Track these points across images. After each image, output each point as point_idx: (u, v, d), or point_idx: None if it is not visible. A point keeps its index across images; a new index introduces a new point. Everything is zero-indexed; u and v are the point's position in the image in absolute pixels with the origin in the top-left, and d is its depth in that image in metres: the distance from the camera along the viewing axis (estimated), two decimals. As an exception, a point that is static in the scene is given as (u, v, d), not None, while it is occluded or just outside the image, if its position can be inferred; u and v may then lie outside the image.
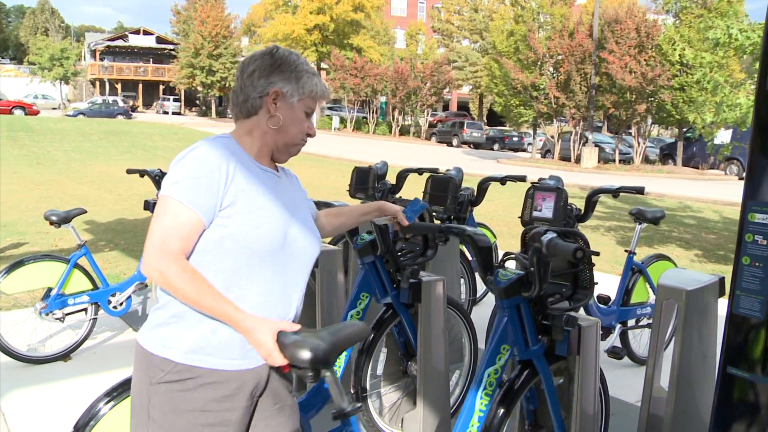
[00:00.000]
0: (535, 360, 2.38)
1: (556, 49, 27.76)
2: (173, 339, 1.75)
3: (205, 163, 1.73)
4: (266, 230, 1.77)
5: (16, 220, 10.23)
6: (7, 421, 3.75)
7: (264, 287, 1.80)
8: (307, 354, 1.61)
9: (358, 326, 1.82)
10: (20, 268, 4.52)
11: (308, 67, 1.93)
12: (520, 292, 2.31)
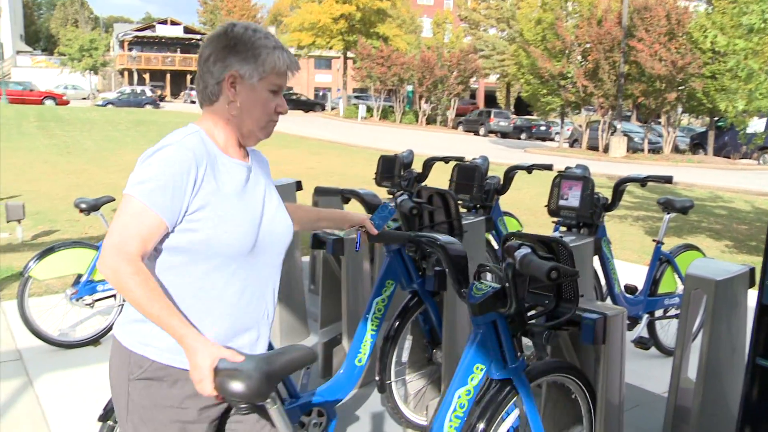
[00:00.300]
0: (514, 379, 2.25)
1: (584, 37, 27.38)
2: (151, 337, 1.73)
3: (172, 165, 1.67)
4: (237, 234, 1.73)
5: (47, 209, 10.39)
6: (41, 402, 3.84)
7: (240, 285, 1.78)
8: (238, 386, 1.53)
9: (301, 352, 1.69)
10: (51, 255, 4.61)
11: (268, 41, 1.79)
12: (495, 307, 2.14)
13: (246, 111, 1.79)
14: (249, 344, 1.83)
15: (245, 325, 1.81)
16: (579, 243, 3.55)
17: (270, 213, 1.86)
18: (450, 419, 2.20)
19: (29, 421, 3.62)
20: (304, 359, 1.68)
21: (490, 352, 2.20)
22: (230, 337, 1.78)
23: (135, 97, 46.18)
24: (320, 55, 53.70)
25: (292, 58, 1.82)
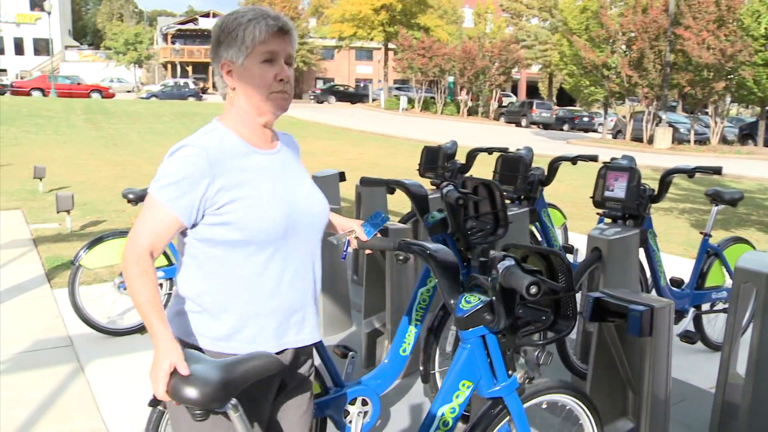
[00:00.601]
0: (505, 398, 2.14)
1: (628, 26, 26.91)
2: (202, 327, 1.79)
3: (186, 164, 1.71)
4: (267, 220, 1.76)
5: (95, 199, 10.61)
6: (92, 387, 3.94)
7: (279, 268, 1.81)
8: (192, 392, 1.53)
9: (264, 360, 1.67)
10: (100, 244, 4.72)
11: (243, 18, 1.78)
12: (484, 321, 2.02)
13: (244, 92, 1.80)
14: (296, 325, 1.87)
15: (291, 307, 1.85)
16: (624, 235, 3.52)
17: (303, 195, 1.88)
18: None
19: (81, 406, 3.73)
20: (266, 368, 1.67)
21: (479, 368, 2.11)
22: (277, 320, 1.82)
23: (178, 89, 46.78)
24: (361, 46, 53.74)
25: (270, 21, 1.78)
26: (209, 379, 1.54)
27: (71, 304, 4.66)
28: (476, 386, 2.12)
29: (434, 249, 2.09)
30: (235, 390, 1.59)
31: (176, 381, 1.55)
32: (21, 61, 59.76)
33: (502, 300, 1.98)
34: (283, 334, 1.84)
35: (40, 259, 6.84)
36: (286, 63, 1.81)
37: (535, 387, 2.24)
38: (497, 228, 3.11)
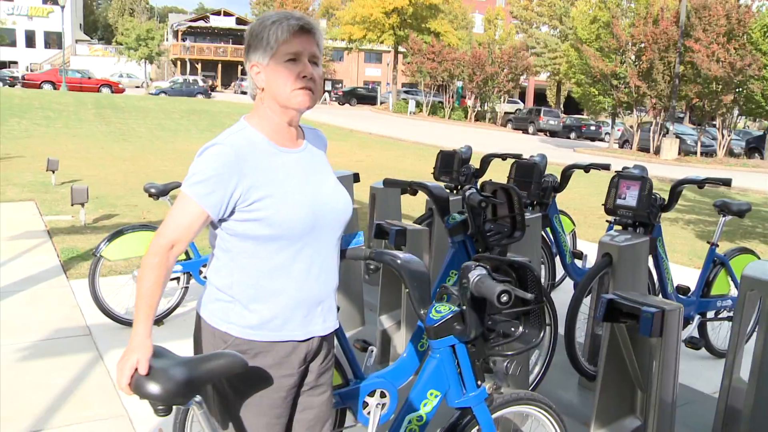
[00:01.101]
0: (474, 408, 2.16)
1: (639, 37, 26.98)
2: (233, 315, 1.88)
3: (215, 161, 1.80)
4: (295, 216, 1.84)
5: (107, 193, 10.73)
6: (111, 375, 4.06)
7: (307, 262, 1.90)
8: (154, 388, 1.57)
9: (228, 359, 1.73)
10: (120, 237, 4.84)
11: (267, 21, 1.88)
12: (454, 331, 2.04)
13: (271, 90, 1.88)
14: (322, 314, 1.97)
15: (317, 297, 1.95)
16: (635, 242, 3.62)
17: (328, 192, 1.97)
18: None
19: (102, 393, 3.84)
20: (232, 366, 1.71)
21: (448, 377, 2.12)
22: (305, 309, 1.92)
23: (187, 86, 46.92)
24: (371, 48, 53.90)
25: (292, 22, 1.86)
26: (172, 376, 1.58)
27: (91, 294, 4.77)
28: (444, 396, 2.15)
29: (405, 259, 2.11)
30: (199, 387, 1.64)
31: (139, 377, 1.60)
32: (32, 54, 60.06)
33: (473, 309, 2.00)
34: (310, 323, 1.94)
35: (55, 250, 6.96)
36: (310, 62, 1.88)
37: (503, 398, 2.28)
38: (514, 231, 3.22)
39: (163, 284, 1.79)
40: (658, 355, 2.48)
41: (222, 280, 1.90)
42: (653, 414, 2.54)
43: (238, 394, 1.89)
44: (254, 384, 1.89)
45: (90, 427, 3.45)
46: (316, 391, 2.06)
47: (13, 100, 26.98)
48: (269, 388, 1.89)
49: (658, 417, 2.54)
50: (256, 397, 1.90)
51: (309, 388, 2.04)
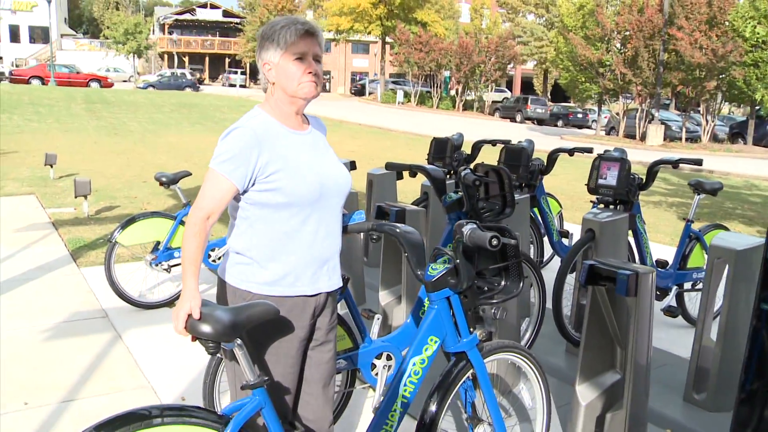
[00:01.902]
0: (468, 352, 2.47)
1: (624, 25, 27.29)
2: (250, 274, 2.18)
3: (238, 141, 2.10)
4: (305, 186, 2.14)
5: (105, 186, 10.95)
6: (131, 351, 4.35)
7: (314, 226, 2.21)
8: (207, 328, 1.87)
9: (263, 307, 2.01)
10: (134, 224, 5.12)
11: (277, 25, 2.19)
12: (448, 284, 2.36)
13: (281, 84, 2.19)
14: (327, 272, 2.29)
15: (323, 257, 2.27)
16: (615, 218, 3.94)
17: (330, 166, 2.28)
18: (405, 384, 2.42)
19: (124, 368, 4.13)
20: (266, 313, 2.01)
21: (445, 326, 2.43)
22: (313, 268, 2.23)
23: (175, 80, 46.94)
24: (358, 39, 54.03)
25: (299, 26, 2.17)
26: (220, 319, 1.88)
27: (107, 278, 5.05)
28: (443, 342, 2.46)
29: (403, 229, 2.42)
30: (241, 329, 1.92)
31: (193, 321, 1.91)
32: (17, 49, 59.73)
33: (465, 261, 2.34)
34: (318, 280, 2.26)
35: (62, 241, 7.20)
36: (314, 59, 2.20)
37: (491, 345, 2.62)
38: (505, 208, 3.53)
39: (203, 248, 2.10)
40: (633, 314, 2.79)
41: (242, 244, 2.21)
42: (630, 367, 2.85)
43: (259, 344, 2.19)
44: (272, 335, 2.20)
45: (117, 397, 3.74)
46: (325, 347, 2.38)
47: (2, 95, 27.01)
48: (284, 338, 2.21)
49: (634, 370, 2.86)
50: (274, 346, 2.21)
51: (319, 344, 2.36)
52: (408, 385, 2.40)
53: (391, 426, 2.37)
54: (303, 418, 2.39)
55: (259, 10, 52.55)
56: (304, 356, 2.33)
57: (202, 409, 1.94)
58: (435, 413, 2.39)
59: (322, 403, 2.39)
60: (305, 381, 2.37)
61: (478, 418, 2.59)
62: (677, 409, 3.56)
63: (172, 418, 1.86)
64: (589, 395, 3.01)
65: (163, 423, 1.84)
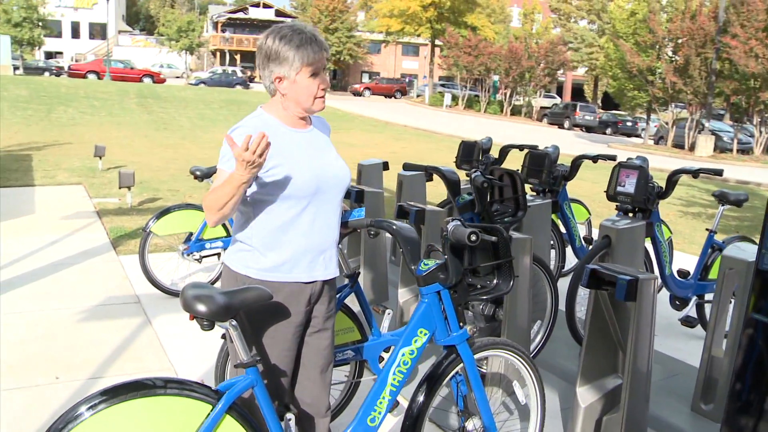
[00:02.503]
0: (458, 346, 2.55)
1: (676, 32, 26.78)
2: (251, 260, 2.31)
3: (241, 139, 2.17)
4: (301, 180, 2.27)
5: (150, 178, 11.28)
6: (159, 336, 4.54)
7: (311, 217, 2.32)
8: (201, 307, 1.98)
9: (256, 292, 2.13)
10: (168, 215, 5.33)
11: (293, 43, 2.26)
12: (438, 279, 2.45)
13: (294, 98, 2.32)
14: (324, 262, 2.40)
15: (320, 246, 2.38)
16: (632, 225, 3.97)
17: (329, 162, 2.40)
18: (394, 373, 2.48)
19: (151, 350, 4.32)
20: (259, 297, 2.13)
21: (435, 319, 2.51)
22: (309, 256, 2.35)
23: (226, 77, 47.64)
24: (408, 41, 54.17)
25: (314, 47, 2.27)
26: (215, 301, 2.00)
27: (141, 266, 5.26)
28: (432, 334, 2.54)
29: (399, 225, 2.51)
30: (235, 311, 2.04)
31: (190, 299, 2.01)
32: (77, 45, 61.49)
33: (453, 257, 2.44)
34: (314, 269, 2.38)
35: (104, 229, 7.49)
36: (324, 71, 2.34)
37: (483, 341, 2.70)
38: (517, 211, 3.60)
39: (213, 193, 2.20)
40: (633, 319, 2.84)
41: (243, 233, 2.35)
42: (629, 372, 2.90)
43: (257, 327, 2.32)
44: (269, 319, 2.33)
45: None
46: (323, 335, 2.49)
47: (60, 89, 27.85)
48: (280, 323, 2.33)
49: (633, 374, 2.90)
50: (271, 330, 2.33)
51: (316, 331, 2.48)
52: (397, 374, 2.48)
53: (379, 413, 2.45)
54: (300, 401, 2.51)
55: (311, 11, 53.10)
56: (301, 342, 2.44)
57: (200, 384, 2.07)
58: (423, 403, 2.48)
59: (319, 387, 2.51)
60: (303, 366, 2.49)
61: (469, 412, 2.66)
62: (684, 418, 3.57)
63: (174, 390, 2.00)
64: (588, 398, 3.06)
65: (165, 393, 1.98)
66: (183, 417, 1.99)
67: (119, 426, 1.90)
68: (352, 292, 3.27)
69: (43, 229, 7.28)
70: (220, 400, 2.04)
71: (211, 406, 2.03)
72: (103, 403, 1.89)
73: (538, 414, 2.88)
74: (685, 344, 4.82)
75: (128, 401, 1.92)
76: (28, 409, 3.47)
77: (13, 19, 43.91)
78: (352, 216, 2.68)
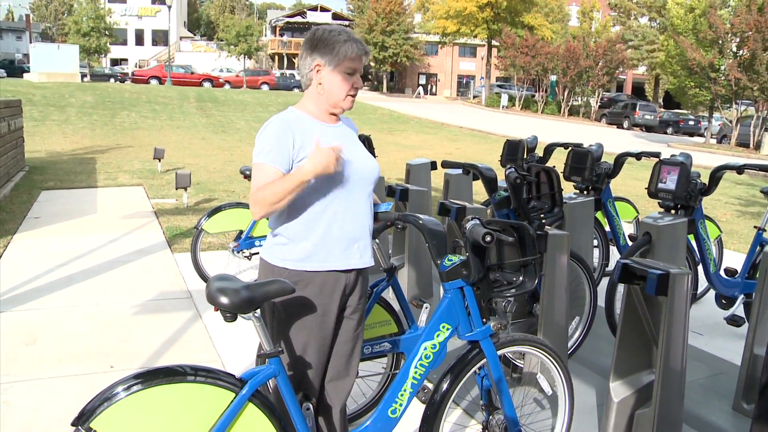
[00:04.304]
0: (481, 342, 2.56)
1: (741, 26, 25.83)
2: (287, 253, 2.39)
3: (275, 132, 2.34)
4: (328, 173, 2.30)
5: (206, 180, 11.59)
6: (208, 329, 4.70)
7: (340, 206, 2.41)
8: (224, 299, 2.05)
9: (278, 285, 2.18)
10: (219, 213, 5.49)
11: (341, 37, 2.40)
12: (461, 275, 2.46)
13: (329, 90, 2.41)
14: (359, 250, 2.48)
15: (352, 236, 2.46)
16: (673, 222, 3.94)
17: (356, 157, 2.47)
18: (416, 367, 2.50)
19: (200, 343, 4.47)
20: (281, 290, 2.18)
21: (457, 314, 2.51)
22: (343, 245, 2.42)
23: (284, 80, 48.32)
24: (465, 42, 53.98)
25: (359, 46, 2.41)
26: (238, 293, 2.07)
27: (192, 262, 5.45)
28: (455, 330, 2.55)
29: (425, 220, 2.52)
30: (257, 303, 2.11)
31: (214, 291, 2.08)
32: (140, 51, 63.37)
33: (474, 255, 2.45)
34: (349, 257, 2.45)
35: (161, 228, 7.76)
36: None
37: (509, 337, 2.71)
38: (554, 207, 3.62)
39: (272, 185, 2.28)
40: (664, 314, 2.84)
41: (278, 224, 2.45)
42: (661, 367, 2.90)
43: (291, 316, 2.42)
44: (303, 309, 2.41)
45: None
46: (350, 325, 2.57)
47: (123, 94, 28.73)
48: (316, 312, 2.42)
49: (666, 370, 2.90)
50: (306, 319, 2.42)
51: (345, 320, 2.55)
52: (419, 368, 2.51)
53: (401, 405, 2.50)
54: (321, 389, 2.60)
55: (368, 13, 53.36)
56: (334, 333, 2.52)
57: (226, 373, 2.17)
58: (445, 392, 2.52)
59: (342, 377, 2.60)
60: (336, 353, 2.57)
61: (493, 406, 2.70)
62: (724, 417, 3.54)
63: (201, 378, 2.11)
64: (622, 392, 3.07)
65: (194, 381, 2.09)
66: (208, 403, 2.09)
67: (149, 408, 2.01)
68: (389, 286, 3.34)
69: (103, 228, 7.59)
70: (243, 389, 2.13)
71: (234, 394, 2.12)
72: (136, 386, 2.01)
73: (566, 409, 2.90)
74: (732, 344, 4.74)
75: (160, 386, 2.03)
76: (84, 395, 3.65)
77: (82, 29, 45.49)
78: (379, 209, 2.74)
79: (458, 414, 3.51)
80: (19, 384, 3.77)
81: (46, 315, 4.85)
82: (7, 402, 3.57)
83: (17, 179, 10.71)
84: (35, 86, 28.84)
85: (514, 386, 3.35)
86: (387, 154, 16.66)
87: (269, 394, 2.44)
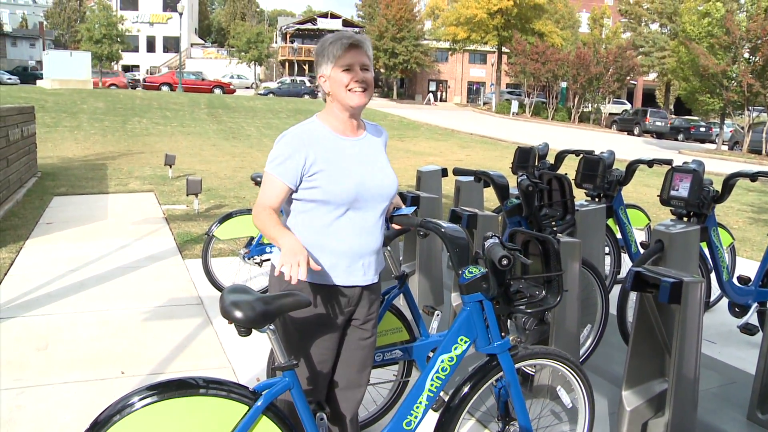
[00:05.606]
0: (498, 355, 2.51)
1: (755, 32, 25.65)
2: None
3: (288, 145, 2.34)
4: (339, 187, 2.34)
5: (217, 186, 11.63)
6: (219, 335, 4.70)
7: (351, 224, 2.40)
8: (239, 314, 2.01)
9: (294, 298, 2.16)
10: (230, 220, 5.49)
11: (328, 41, 2.42)
12: (481, 288, 2.40)
13: (333, 93, 2.41)
14: (362, 268, 2.46)
15: (358, 252, 2.44)
16: (686, 230, 3.92)
17: (374, 171, 2.45)
18: (432, 379, 2.47)
19: (210, 349, 4.48)
20: (297, 303, 2.17)
21: (476, 327, 2.47)
22: (347, 261, 2.42)
23: (294, 87, 48.50)
24: (475, 49, 53.99)
25: (344, 40, 2.39)
26: (253, 307, 2.04)
27: (203, 268, 5.46)
28: (473, 343, 2.51)
29: (447, 227, 2.43)
30: (272, 317, 2.08)
31: (228, 305, 2.04)
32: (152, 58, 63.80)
33: (493, 272, 2.39)
34: (352, 273, 2.44)
35: (172, 234, 7.78)
36: (362, 69, 2.40)
37: (529, 350, 2.66)
38: (565, 215, 3.61)
39: (273, 216, 2.32)
40: (677, 322, 2.83)
41: None
42: (674, 376, 2.88)
43: (297, 328, 2.42)
44: (308, 321, 2.41)
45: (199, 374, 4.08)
46: (361, 334, 2.56)
47: (135, 101, 28.91)
48: (320, 323, 2.42)
49: (679, 378, 2.88)
50: (310, 330, 2.42)
51: (354, 332, 2.55)
52: (435, 381, 2.48)
53: (416, 417, 2.47)
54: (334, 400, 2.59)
55: (378, 20, 53.51)
56: (340, 343, 2.52)
57: (239, 385, 2.16)
58: (460, 402, 2.50)
59: (353, 387, 2.59)
60: (339, 364, 2.57)
61: (510, 417, 2.67)
62: (738, 426, 3.51)
63: (214, 390, 2.09)
64: (634, 401, 3.05)
65: (207, 394, 2.08)
66: (221, 417, 2.09)
67: (161, 422, 2.01)
68: (400, 293, 3.34)
69: (114, 234, 7.62)
70: (257, 401, 2.12)
71: (248, 407, 2.11)
72: (149, 398, 2.01)
73: (586, 421, 2.87)
74: (745, 352, 4.71)
75: (173, 399, 2.03)
76: (95, 400, 3.67)
77: (94, 36, 45.83)
78: (401, 212, 2.70)
79: (472, 424, 3.50)
80: (31, 389, 3.79)
81: (58, 320, 4.87)
82: (19, 406, 3.58)
83: (30, 185, 10.79)
84: (48, 93, 29.09)
85: (530, 398, 3.33)
86: (397, 160, 16.67)
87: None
